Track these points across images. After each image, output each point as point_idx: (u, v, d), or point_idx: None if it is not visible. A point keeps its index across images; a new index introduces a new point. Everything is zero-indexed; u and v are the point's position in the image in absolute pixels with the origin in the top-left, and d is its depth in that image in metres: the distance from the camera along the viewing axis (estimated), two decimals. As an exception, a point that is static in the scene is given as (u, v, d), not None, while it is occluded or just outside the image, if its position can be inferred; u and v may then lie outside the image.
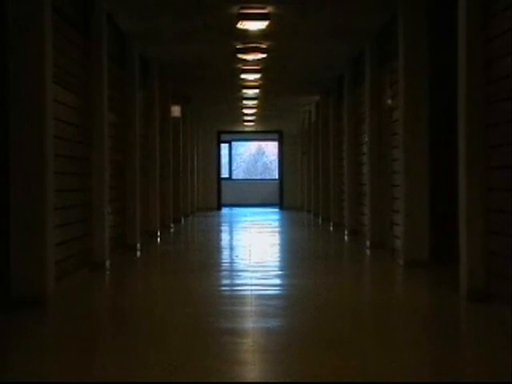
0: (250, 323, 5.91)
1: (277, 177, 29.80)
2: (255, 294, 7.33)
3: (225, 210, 27.03)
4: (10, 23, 6.60)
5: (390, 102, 10.77)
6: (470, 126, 6.70)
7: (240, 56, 12.64)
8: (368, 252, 11.25)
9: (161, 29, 11.30)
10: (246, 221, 20.28)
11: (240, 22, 10.34)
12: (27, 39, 6.62)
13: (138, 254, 11.34)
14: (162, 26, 11.12)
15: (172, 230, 15.75)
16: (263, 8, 9.97)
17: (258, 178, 32.50)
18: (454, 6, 7.15)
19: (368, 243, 11.64)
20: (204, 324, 5.83)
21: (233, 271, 9.29)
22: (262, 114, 23.54)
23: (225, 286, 8.10)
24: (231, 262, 10.42)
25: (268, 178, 32.38)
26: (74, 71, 8.43)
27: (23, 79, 6.62)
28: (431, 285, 8.17)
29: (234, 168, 31.50)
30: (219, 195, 28.38)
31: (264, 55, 12.58)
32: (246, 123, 26.50)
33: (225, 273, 9.15)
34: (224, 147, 29.80)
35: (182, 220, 18.61)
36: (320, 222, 18.70)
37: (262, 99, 19.63)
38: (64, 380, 4.35)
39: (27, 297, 6.56)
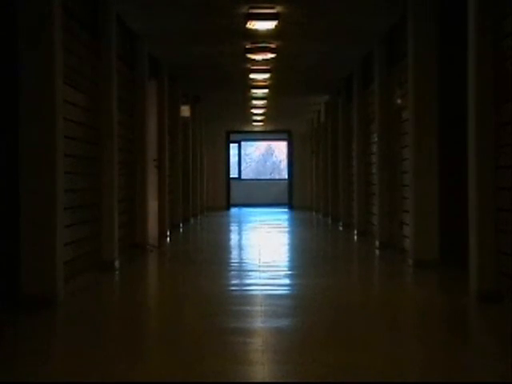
0: (260, 323, 5.91)
1: (286, 177, 29.79)
2: (265, 294, 7.33)
3: (234, 210, 27.04)
4: (20, 23, 6.61)
5: (399, 101, 10.75)
6: (479, 125, 6.69)
7: (249, 56, 12.65)
8: (377, 252, 11.23)
9: (170, 29, 11.32)
10: (255, 221, 20.28)
11: (249, 22, 10.34)
12: (37, 39, 6.64)
13: (148, 253, 11.34)
14: (172, 26, 11.13)
15: (181, 230, 15.76)
16: (272, 8, 9.97)
17: (268, 177, 32.49)
18: (464, 6, 7.14)
19: (377, 243, 11.62)
20: (213, 323, 5.83)
21: (242, 271, 9.29)
22: (271, 114, 23.54)
23: (234, 285, 8.10)
24: (240, 262, 10.43)
25: (277, 177, 32.38)
26: (83, 71, 8.45)
27: (33, 79, 6.64)
28: (441, 285, 8.15)
29: (243, 168, 31.50)
30: (228, 195, 28.39)
31: (273, 55, 12.58)
32: (255, 123, 26.50)
33: (234, 273, 9.15)
34: (233, 147, 29.81)
35: (191, 220, 18.63)
36: (329, 221, 18.68)
37: (271, 99, 19.62)
38: (71, 379, 4.36)
39: (37, 296, 6.57)
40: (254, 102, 20.56)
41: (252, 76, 15.40)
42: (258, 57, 12.70)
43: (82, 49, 8.45)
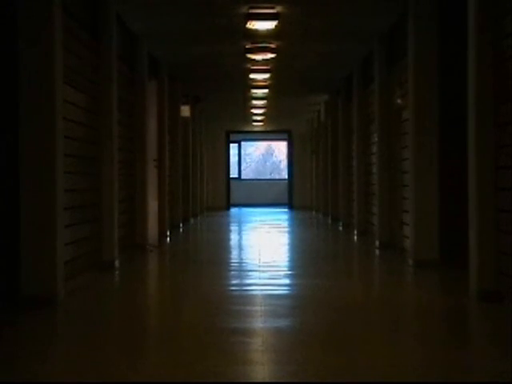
0: (260, 323, 5.90)
1: (286, 177, 29.79)
2: (264, 294, 7.33)
3: (234, 210, 27.04)
4: (20, 23, 6.61)
5: (399, 101, 10.75)
6: (479, 125, 6.69)
7: (249, 56, 12.65)
8: (377, 252, 11.23)
9: (170, 29, 11.32)
10: (255, 221, 20.28)
11: (249, 22, 10.34)
12: (37, 40, 6.64)
13: (148, 253, 11.34)
14: (171, 26, 11.13)
15: (181, 230, 15.76)
16: (272, 8, 9.98)
17: (268, 177, 32.49)
18: (464, 5, 7.14)
19: (377, 243, 11.62)
20: (213, 323, 5.83)
21: (242, 271, 9.28)
22: (271, 114, 23.54)
23: (234, 285, 8.10)
24: (240, 262, 10.43)
25: (277, 177, 32.38)
26: (83, 71, 8.45)
27: (33, 80, 6.64)
28: (441, 285, 8.15)
29: (243, 168, 31.51)
30: (228, 195, 28.39)
31: (273, 55, 12.58)
32: (255, 123, 26.51)
33: (234, 272, 9.15)
34: (233, 147, 29.81)
35: (191, 220, 18.63)
36: (329, 221, 18.68)
37: (271, 99, 19.62)
38: (71, 379, 4.36)
39: (37, 296, 6.57)
40: (254, 102, 20.56)
41: (252, 76, 15.40)
42: (258, 57, 12.71)
43: (82, 49, 8.45)
